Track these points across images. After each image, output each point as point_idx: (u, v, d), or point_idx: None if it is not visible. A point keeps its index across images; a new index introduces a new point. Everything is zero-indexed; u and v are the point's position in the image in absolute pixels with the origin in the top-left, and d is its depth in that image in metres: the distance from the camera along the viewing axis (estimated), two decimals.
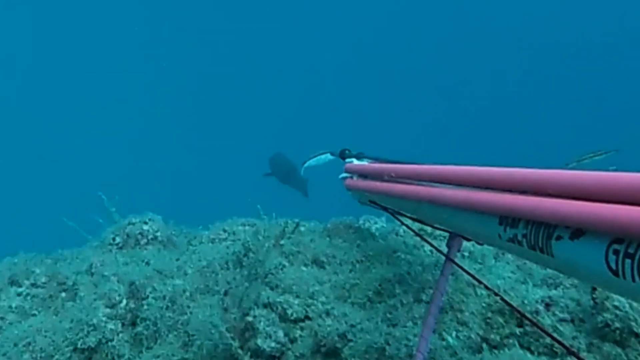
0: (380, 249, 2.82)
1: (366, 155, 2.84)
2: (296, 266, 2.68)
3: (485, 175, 1.34)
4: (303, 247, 2.77)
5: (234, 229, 3.10)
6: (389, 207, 2.41)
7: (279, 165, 9.32)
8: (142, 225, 3.50)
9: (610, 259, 0.92)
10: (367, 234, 3.04)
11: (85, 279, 2.95)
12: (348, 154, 2.92)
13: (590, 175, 0.99)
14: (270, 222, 3.19)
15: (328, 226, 3.08)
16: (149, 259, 3.06)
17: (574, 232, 1.03)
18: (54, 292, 2.94)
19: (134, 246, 3.41)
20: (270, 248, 2.75)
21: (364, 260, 2.71)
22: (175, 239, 3.48)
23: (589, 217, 0.94)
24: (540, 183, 1.12)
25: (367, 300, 2.50)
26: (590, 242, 0.98)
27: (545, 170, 1.14)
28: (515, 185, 1.21)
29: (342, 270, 2.65)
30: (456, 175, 1.49)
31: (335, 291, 2.55)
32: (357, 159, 2.84)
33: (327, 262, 2.71)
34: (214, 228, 3.22)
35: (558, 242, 1.08)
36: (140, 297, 2.72)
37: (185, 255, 2.97)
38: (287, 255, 2.73)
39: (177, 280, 2.74)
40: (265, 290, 2.56)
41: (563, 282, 2.70)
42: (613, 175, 0.94)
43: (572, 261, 1.04)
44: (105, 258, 3.15)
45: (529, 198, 1.14)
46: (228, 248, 2.92)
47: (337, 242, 2.91)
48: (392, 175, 2.05)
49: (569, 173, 1.05)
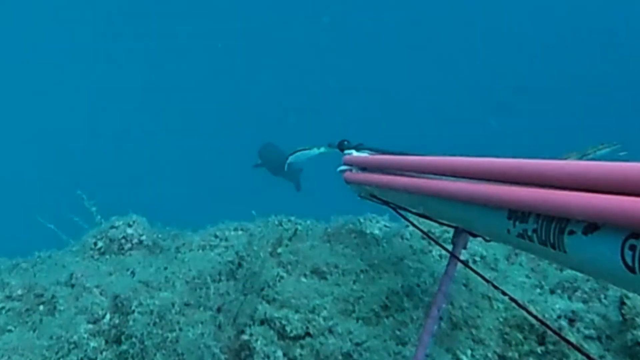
0: (386, 256, 2.61)
1: (366, 147, 2.66)
2: (295, 277, 2.47)
3: (493, 167, 1.27)
4: (302, 255, 2.56)
5: (226, 235, 2.88)
6: (390, 202, 2.26)
7: (270, 156, 8.98)
8: (125, 229, 3.27)
9: (626, 254, 0.88)
10: (370, 238, 2.84)
11: (65, 290, 2.71)
12: (347, 145, 2.74)
13: (604, 165, 0.94)
14: (266, 226, 2.99)
15: (328, 230, 2.86)
16: (134, 268, 2.84)
17: (587, 227, 0.99)
18: (31, 305, 2.71)
19: (117, 252, 3.18)
20: (266, 257, 2.54)
21: (369, 269, 2.50)
22: (162, 242, 3.26)
23: (603, 211, 0.90)
24: (551, 174, 1.07)
25: (374, 315, 2.30)
26: (605, 237, 0.94)
27: (556, 161, 1.08)
28: (525, 177, 1.15)
29: (345, 281, 2.44)
30: (462, 166, 1.41)
31: (338, 305, 2.34)
32: (357, 151, 2.66)
33: (328, 272, 2.49)
34: (204, 233, 2.99)
35: (571, 237, 1.03)
36: (126, 311, 2.50)
37: (173, 264, 2.74)
38: (284, 265, 2.52)
39: (165, 292, 2.52)
40: (262, 305, 2.35)
41: (581, 286, 2.56)
42: (629, 166, 0.89)
43: (586, 257, 1.00)
44: (86, 266, 2.93)
45: (540, 190, 1.08)
46: (220, 256, 2.70)
47: (339, 249, 2.70)
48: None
49: (582, 164, 0.99)
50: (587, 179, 0.96)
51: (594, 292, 2.54)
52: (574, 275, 2.62)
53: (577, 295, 2.55)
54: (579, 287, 2.56)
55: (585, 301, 2.47)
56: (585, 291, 2.57)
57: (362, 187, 2.53)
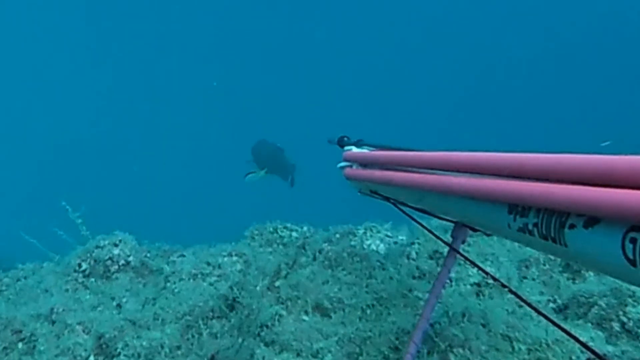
0: (393, 285, 2.40)
1: (366, 143, 2.60)
2: (295, 315, 2.25)
3: (493, 161, 1.26)
4: (302, 289, 2.33)
5: (219, 262, 2.64)
6: (391, 197, 2.22)
7: (262, 152, 8.67)
8: (111, 249, 3.05)
9: (627, 247, 0.88)
10: (374, 262, 2.62)
11: (46, 327, 2.50)
12: (346, 142, 2.68)
13: (605, 159, 0.93)
14: (261, 251, 2.77)
15: (329, 254, 2.64)
16: (121, 299, 2.62)
17: (588, 220, 0.99)
18: (9, 343, 2.49)
19: (102, 275, 2.97)
20: (263, 291, 2.33)
21: (375, 303, 2.29)
22: (150, 262, 3.04)
23: (604, 204, 0.89)
24: (551, 168, 1.06)
25: (383, 359, 2.09)
26: (606, 231, 0.94)
27: (556, 155, 1.07)
28: (526, 171, 1.14)
29: (351, 319, 2.23)
30: (462, 161, 1.40)
31: (343, 347, 2.13)
32: (357, 147, 2.60)
33: (332, 309, 2.27)
34: (195, 260, 2.76)
35: (571, 230, 1.03)
36: (110, 353, 2.29)
37: (162, 296, 2.52)
38: (283, 301, 2.30)
39: (154, 332, 2.30)
40: (260, 348, 2.13)
41: (597, 301, 2.38)
42: (628, 159, 0.88)
43: (587, 251, 1.00)
44: (69, 297, 2.71)
45: (540, 184, 1.08)
46: (213, 287, 2.49)
47: (341, 276, 2.48)
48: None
49: (582, 157, 0.99)
50: (588, 173, 0.95)
51: (611, 309, 2.36)
52: (589, 289, 2.47)
53: (593, 313, 2.37)
54: (595, 304, 2.39)
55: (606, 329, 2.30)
56: (603, 308, 2.38)
57: (362, 183, 2.47)
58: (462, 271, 2.65)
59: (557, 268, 2.78)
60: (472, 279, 2.63)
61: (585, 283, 2.71)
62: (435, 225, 2.60)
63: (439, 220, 2.09)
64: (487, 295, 2.52)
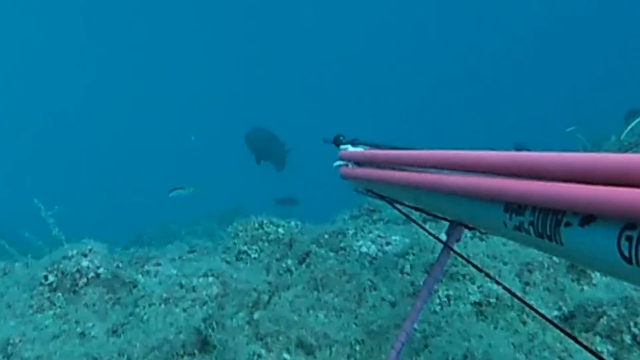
0: (385, 311, 2.15)
1: (362, 141, 2.56)
2: (276, 354, 2.00)
3: (488, 160, 1.26)
4: (284, 322, 2.07)
5: (193, 283, 2.37)
6: (386, 196, 2.21)
7: (255, 140, 8.24)
8: (80, 260, 2.79)
9: (622, 245, 0.88)
10: (364, 280, 2.36)
11: None
12: (342, 141, 2.64)
13: (600, 157, 0.93)
14: (241, 267, 2.52)
15: (315, 273, 2.38)
16: (85, 325, 2.37)
17: (583, 218, 0.99)
18: None
19: (70, 289, 2.72)
20: (241, 324, 2.07)
21: (366, 338, 2.04)
22: (122, 273, 2.79)
23: (599, 202, 0.89)
24: (546, 166, 1.06)
25: None
26: (602, 229, 0.94)
27: (552, 153, 1.06)
28: (521, 169, 1.15)
29: (338, 359, 1.98)
30: (457, 160, 1.40)
31: None
32: (352, 146, 2.58)
33: (317, 345, 2.02)
34: (169, 274, 2.50)
35: (567, 229, 1.03)
36: None
37: (130, 324, 2.27)
38: (262, 337, 2.04)
39: None
40: None
41: (607, 311, 2.26)
42: (624, 157, 0.88)
43: (583, 249, 1.00)
44: (28, 321, 2.46)
45: (536, 183, 1.08)
46: (186, 313, 2.23)
47: (328, 299, 2.23)
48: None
49: (577, 155, 0.99)
50: (583, 171, 0.96)
51: (622, 320, 2.22)
52: (597, 297, 2.34)
53: (602, 324, 2.23)
54: (605, 313, 2.25)
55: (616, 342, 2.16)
56: (613, 318, 2.24)
57: (358, 182, 2.45)
58: (461, 288, 2.42)
59: (562, 270, 2.57)
60: (472, 297, 2.39)
61: (592, 289, 2.51)
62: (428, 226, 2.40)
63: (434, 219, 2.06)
64: (489, 317, 2.28)
